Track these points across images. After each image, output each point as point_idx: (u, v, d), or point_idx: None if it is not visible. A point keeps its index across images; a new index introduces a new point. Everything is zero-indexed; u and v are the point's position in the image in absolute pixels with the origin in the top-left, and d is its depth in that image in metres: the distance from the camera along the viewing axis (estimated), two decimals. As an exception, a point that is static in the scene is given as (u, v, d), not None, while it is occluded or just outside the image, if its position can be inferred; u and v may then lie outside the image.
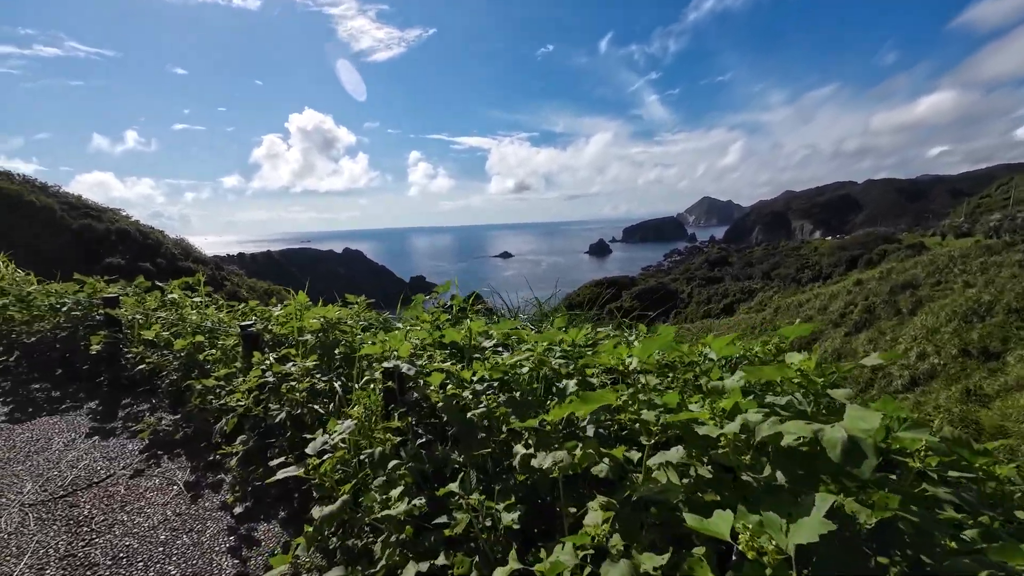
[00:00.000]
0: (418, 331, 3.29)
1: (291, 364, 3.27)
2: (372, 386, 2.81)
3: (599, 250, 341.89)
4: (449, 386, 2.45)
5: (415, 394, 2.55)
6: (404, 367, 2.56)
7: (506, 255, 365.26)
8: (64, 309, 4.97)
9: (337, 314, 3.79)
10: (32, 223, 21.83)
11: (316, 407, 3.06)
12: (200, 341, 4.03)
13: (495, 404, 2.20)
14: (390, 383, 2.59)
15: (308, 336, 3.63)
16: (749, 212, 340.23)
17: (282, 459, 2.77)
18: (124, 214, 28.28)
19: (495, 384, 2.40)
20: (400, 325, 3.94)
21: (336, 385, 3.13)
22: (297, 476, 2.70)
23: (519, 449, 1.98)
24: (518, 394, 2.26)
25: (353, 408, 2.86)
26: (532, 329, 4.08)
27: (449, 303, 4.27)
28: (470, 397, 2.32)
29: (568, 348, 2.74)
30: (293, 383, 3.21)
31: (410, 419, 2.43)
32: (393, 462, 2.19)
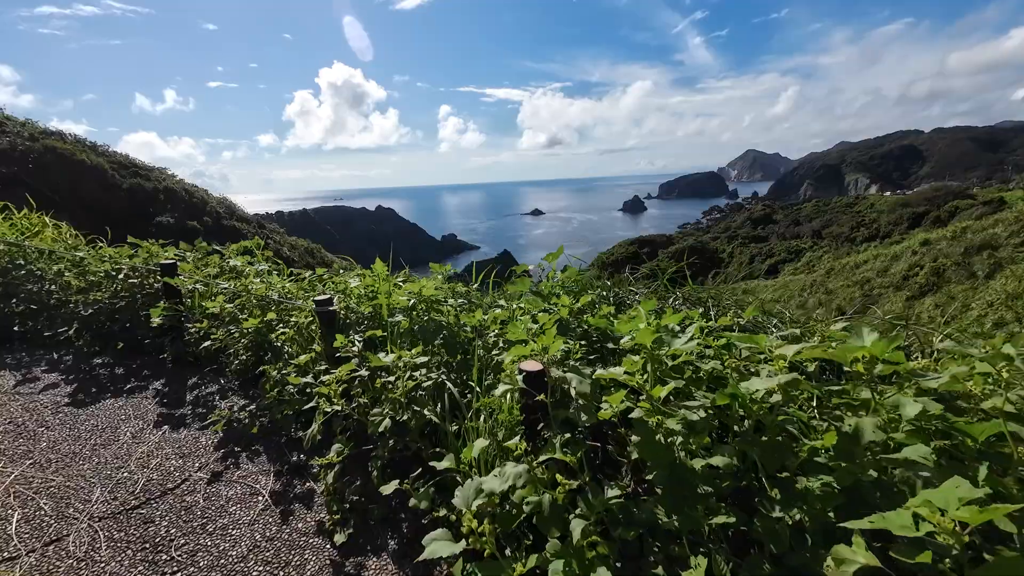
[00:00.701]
0: (544, 316, 2.56)
1: (386, 354, 2.64)
2: (508, 395, 2.14)
3: (634, 207, 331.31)
4: (637, 411, 1.72)
5: (581, 413, 1.85)
6: (569, 377, 1.86)
7: (537, 212, 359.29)
8: (120, 276, 4.54)
9: (433, 289, 3.11)
10: (84, 182, 22.23)
11: (426, 412, 2.44)
12: (271, 319, 3.47)
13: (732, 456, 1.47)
14: (540, 396, 1.90)
15: (400, 317, 2.99)
16: (798, 165, 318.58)
17: (394, 485, 2.18)
18: (170, 173, 28.55)
19: (712, 414, 1.65)
20: (503, 303, 3.23)
21: (449, 385, 2.48)
22: (399, 489, 2.14)
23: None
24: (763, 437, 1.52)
25: (482, 421, 2.21)
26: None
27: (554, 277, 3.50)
28: (680, 432, 1.59)
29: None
30: (392, 379, 2.59)
31: (580, 452, 1.74)
32: (576, 521, 1.53)
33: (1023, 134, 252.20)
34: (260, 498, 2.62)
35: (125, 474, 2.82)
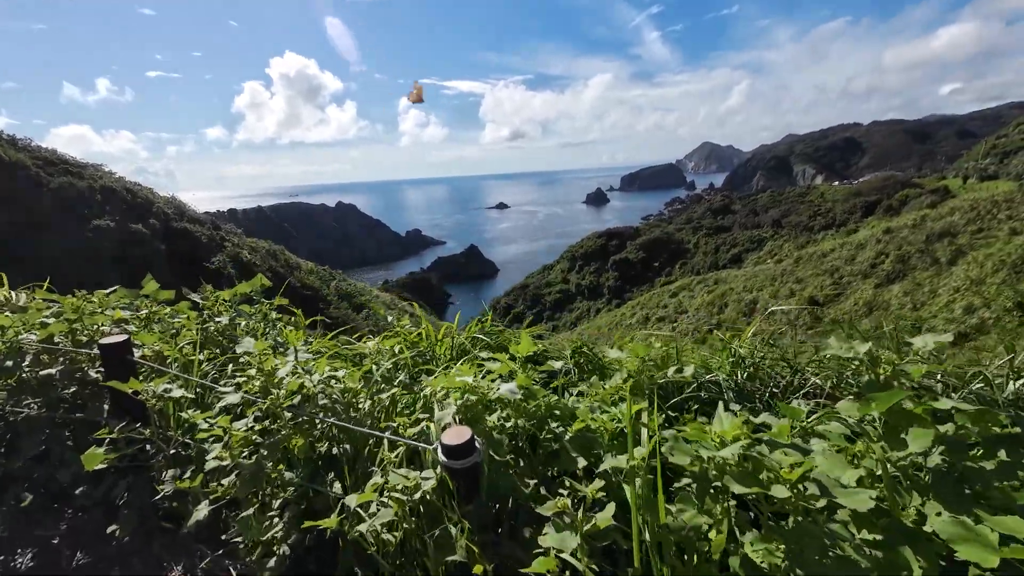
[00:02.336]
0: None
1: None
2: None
3: (597, 199, 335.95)
4: None
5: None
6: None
7: (502, 206, 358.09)
8: (26, 365, 2.44)
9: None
10: (1, 182, 19.39)
11: None
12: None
13: None
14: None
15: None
16: (750, 157, 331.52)
17: None
18: (107, 170, 25.53)
19: None
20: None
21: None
22: None
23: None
24: None
25: None
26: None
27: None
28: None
29: None
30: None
31: None
32: None
33: (948, 127, 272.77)
34: None
35: None
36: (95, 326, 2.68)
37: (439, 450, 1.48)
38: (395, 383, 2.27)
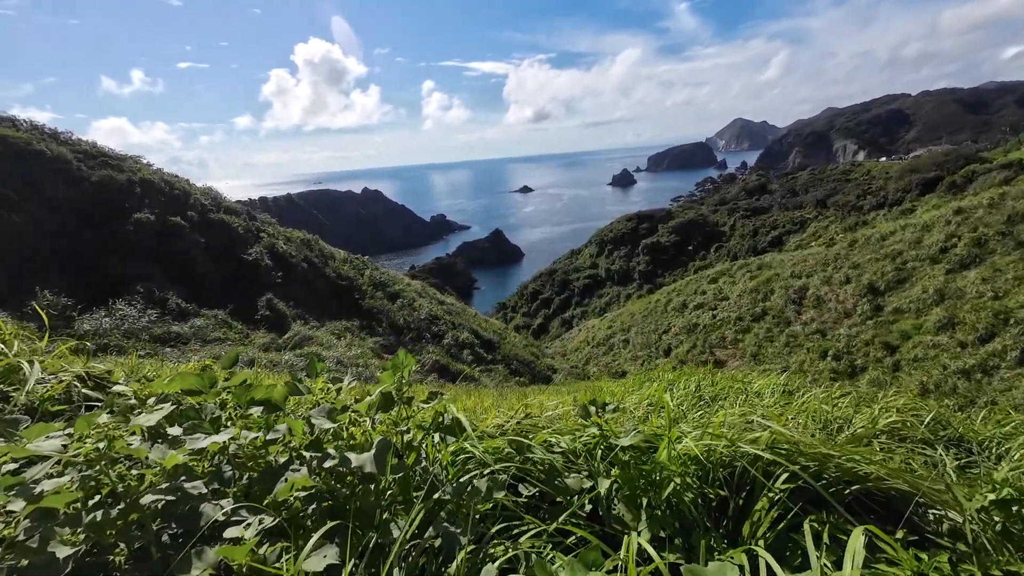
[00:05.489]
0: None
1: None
2: None
3: (623, 181, 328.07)
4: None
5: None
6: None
7: (526, 189, 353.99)
8: None
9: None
10: (45, 176, 19.39)
11: None
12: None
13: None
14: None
15: None
16: (786, 133, 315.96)
17: None
18: (145, 162, 25.47)
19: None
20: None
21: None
22: None
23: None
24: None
25: None
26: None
27: None
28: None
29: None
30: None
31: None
32: None
33: (1007, 94, 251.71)
34: None
35: None
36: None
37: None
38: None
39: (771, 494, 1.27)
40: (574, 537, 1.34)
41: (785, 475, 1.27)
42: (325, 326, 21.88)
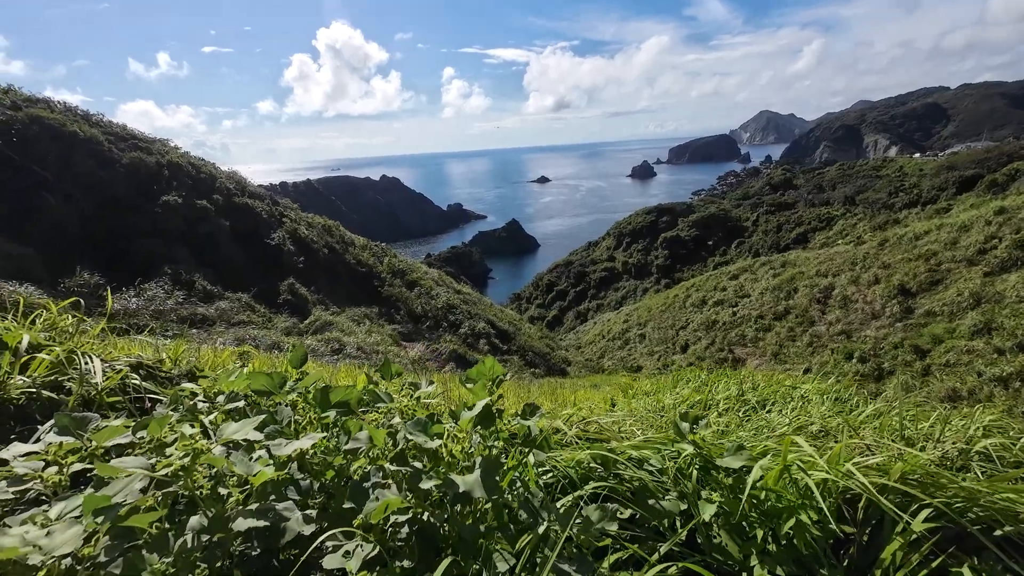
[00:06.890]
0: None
1: None
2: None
3: (643, 173, 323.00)
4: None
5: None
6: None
7: (544, 180, 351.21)
8: None
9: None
10: (79, 157, 19.80)
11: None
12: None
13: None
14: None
15: None
16: (814, 127, 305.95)
17: None
18: (172, 145, 25.88)
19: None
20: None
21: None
22: None
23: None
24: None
25: None
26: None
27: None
28: None
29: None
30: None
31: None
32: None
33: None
34: None
35: None
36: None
37: None
38: None
39: (905, 533, 1.13)
40: (675, 567, 1.21)
41: (925, 511, 1.12)
42: (345, 312, 22.08)
